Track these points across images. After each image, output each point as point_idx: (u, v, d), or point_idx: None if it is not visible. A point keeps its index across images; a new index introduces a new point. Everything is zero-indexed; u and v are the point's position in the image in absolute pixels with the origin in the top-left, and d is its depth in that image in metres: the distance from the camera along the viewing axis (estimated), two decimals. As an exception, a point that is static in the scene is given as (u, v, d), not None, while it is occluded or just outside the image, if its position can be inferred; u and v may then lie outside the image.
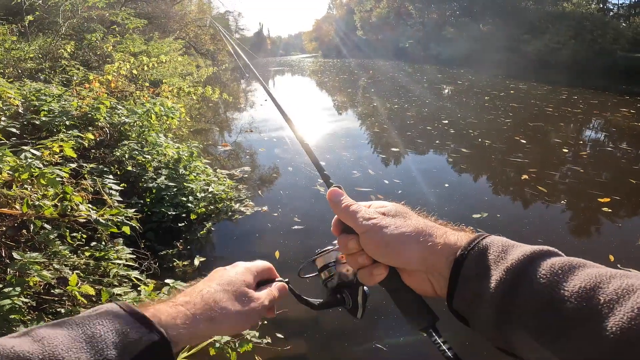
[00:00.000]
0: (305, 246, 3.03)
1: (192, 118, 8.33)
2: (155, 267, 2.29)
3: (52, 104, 2.92)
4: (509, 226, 3.34)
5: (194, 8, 23.72)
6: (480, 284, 0.38)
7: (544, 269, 0.35)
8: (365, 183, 4.39)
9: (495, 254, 0.39)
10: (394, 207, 0.48)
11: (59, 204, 1.71)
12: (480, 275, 0.38)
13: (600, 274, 0.33)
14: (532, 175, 4.49)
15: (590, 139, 6.53)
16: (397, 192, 4.20)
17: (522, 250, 0.38)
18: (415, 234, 0.43)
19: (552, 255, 0.37)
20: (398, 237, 0.43)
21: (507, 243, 0.40)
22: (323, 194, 3.98)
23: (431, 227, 0.45)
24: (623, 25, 22.17)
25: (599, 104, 9.36)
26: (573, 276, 0.33)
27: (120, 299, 1.56)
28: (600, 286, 0.32)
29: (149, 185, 2.86)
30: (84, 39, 6.74)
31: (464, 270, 0.39)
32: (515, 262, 0.36)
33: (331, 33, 56.76)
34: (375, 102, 10.59)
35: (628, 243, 3.04)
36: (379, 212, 0.47)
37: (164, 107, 3.52)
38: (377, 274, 0.45)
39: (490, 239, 0.41)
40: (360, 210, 0.47)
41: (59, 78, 4.83)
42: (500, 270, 0.37)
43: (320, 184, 4.24)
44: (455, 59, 24.30)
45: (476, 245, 0.40)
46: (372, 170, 4.91)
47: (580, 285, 0.32)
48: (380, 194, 4.03)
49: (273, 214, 3.57)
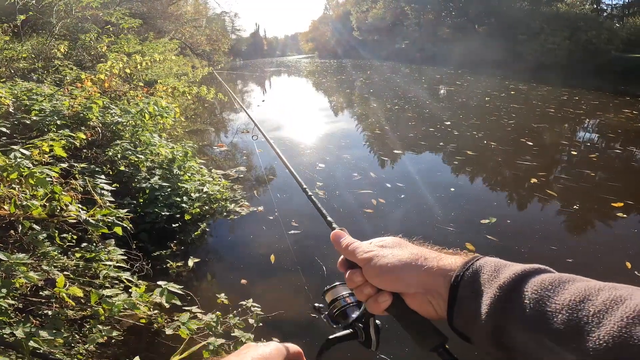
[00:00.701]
0: (302, 252, 2.95)
1: (188, 118, 8.28)
2: (147, 269, 2.26)
3: (43, 103, 2.88)
4: (520, 232, 3.21)
5: (190, 9, 23.63)
6: (475, 303, 0.40)
7: (534, 285, 0.37)
8: (366, 186, 4.29)
9: (489, 273, 0.41)
10: (392, 239, 0.53)
11: (47, 204, 1.67)
12: (475, 294, 0.41)
13: (589, 287, 0.35)
14: (542, 179, 4.36)
15: (597, 141, 6.33)
16: (400, 196, 4.05)
17: (513, 269, 0.40)
18: (411, 259, 0.47)
19: (543, 272, 0.39)
20: (396, 264, 0.47)
21: (499, 263, 0.43)
22: (322, 197, 3.93)
23: (426, 252, 0.48)
24: (617, 25, 22.35)
25: (601, 105, 9.33)
26: (563, 290, 0.35)
27: (110, 300, 1.53)
28: (589, 298, 0.33)
29: (142, 186, 2.83)
30: (78, 39, 6.68)
31: (460, 291, 0.42)
32: (507, 280, 0.39)
33: (327, 34, 56.79)
34: (374, 103, 10.53)
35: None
36: (378, 245, 0.52)
37: (158, 107, 3.48)
38: (382, 301, 0.48)
39: (484, 260, 0.44)
40: (360, 246, 0.52)
41: (52, 78, 4.77)
42: (494, 289, 0.39)
43: (318, 187, 4.19)
44: (451, 59, 24.38)
45: (470, 266, 0.43)
46: (374, 172, 4.79)
47: (570, 299, 0.34)
48: (382, 198, 3.93)
49: (269, 216, 3.51)
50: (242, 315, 2.10)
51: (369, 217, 3.55)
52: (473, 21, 28.49)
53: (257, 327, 2.08)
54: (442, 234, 3.17)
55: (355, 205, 3.79)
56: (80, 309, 1.65)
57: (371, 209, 3.70)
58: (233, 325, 1.99)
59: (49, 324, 1.48)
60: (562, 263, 2.72)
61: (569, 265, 2.70)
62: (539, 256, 2.84)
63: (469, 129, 6.82)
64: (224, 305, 2.25)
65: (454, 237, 3.13)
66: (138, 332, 2.09)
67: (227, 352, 1.79)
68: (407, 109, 9.30)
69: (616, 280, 0.36)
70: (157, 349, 2.06)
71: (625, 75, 16.16)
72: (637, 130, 6.82)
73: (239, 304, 2.23)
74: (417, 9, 32.58)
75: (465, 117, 7.96)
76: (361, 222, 3.46)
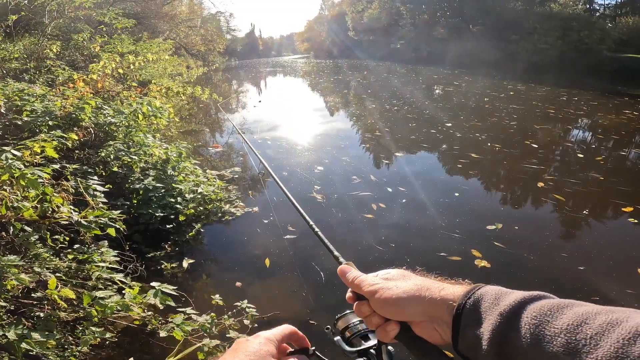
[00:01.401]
0: (297, 258, 2.89)
1: (182, 119, 8.23)
2: (141, 270, 2.25)
3: (35, 103, 2.85)
4: (528, 239, 3.09)
5: (185, 9, 23.51)
6: (478, 330, 0.42)
7: (533, 311, 0.39)
8: (366, 190, 4.17)
9: (489, 302, 0.44)
10: (396, 272, 0.56)
11: (39, 205, 1.65)
12: (478, 321, 0.43)
13: (586, 311, 0.36)
14: (549, 183, 4.23)
15: (602, 143, 6.14)
16: (401, 201, 3.91)
17: (513, 296, 0.42)
18: (415, 291, 0.50)
19: (542, 298, 0.41)
20: (401, 296, 0.50)
21: (500, 291, 0.45)
22: (320, 201, 3.84)
23: (429, 283, 0.51)
24: (609, 25, 22.57)
25: (601, 106, 9.28)
26: (562, 315, 0.37)
27: (102, 302, 1.52)
28: (587, 322, 0.35)
29: (136, 187, 2.81)
30: (71, 39, 6.62)
31: (463, 319, 0.44)
32: (507, 307, 0.41)
33: (323, 34, 56.81)
34: (372, 103, 10.30)
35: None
36: (383, 278, 0.55)
37: (151, 107, 3.46)
38: (390, 330, 0.51)
39: (485, 289, 0.46)
40: (367, 279, 0.55)
41: (44, 78, 4.73)
42: (495, 315, 0.41)
43: (316, 190, 4.10)
44: (447, 59, 24.49)
45: (472, 295, 0.46)
46: (374, 176, 4.64)
47: (568, 323, 0.35)
48: (382, 203, 3.81)
49: (264, 218, 3.48)
50: (237, 317, 2.10)
51: (369, 223, 3.44)
52: (468, 21, 28.65)
53: (253, 327, 2.08)
54: (447, 241, 3.07)
55: (355, 210, 3.68)
56: (72, 310, 1.64)
57: (371, 214, 3.60)
58: (228, 326, 1.99)
59: (41, 326, 1.46)
60: (574, 271, 2.65)
61: (581, 273, 2.62)
62: (549, 264, 2.75)
63: (471, 131, 6.68)
64: (218, 306, 2.25)
65: (460, 243, 3.03)
66: (132, 334, 2.08)
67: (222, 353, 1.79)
68: (406, 109, 9.13)
69: (628, 287, 0.36)
70: (151, 350, 2.05)
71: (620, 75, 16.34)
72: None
73: (234, 305, 2.22)
74: (412, 9, 32.69)
75: (466, 119, 7.84)
76: (361, 228, 3.35)
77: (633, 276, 2.60)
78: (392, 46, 34.63)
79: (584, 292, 2.44)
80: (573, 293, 2.44)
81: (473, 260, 2.80)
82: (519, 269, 2.72)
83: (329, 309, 2.36)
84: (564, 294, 0.40)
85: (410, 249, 3.00)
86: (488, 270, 2.68)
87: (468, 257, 2.83)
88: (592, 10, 25.92)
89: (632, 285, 2.48)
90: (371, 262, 2.82)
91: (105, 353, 2.00)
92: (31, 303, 1.53)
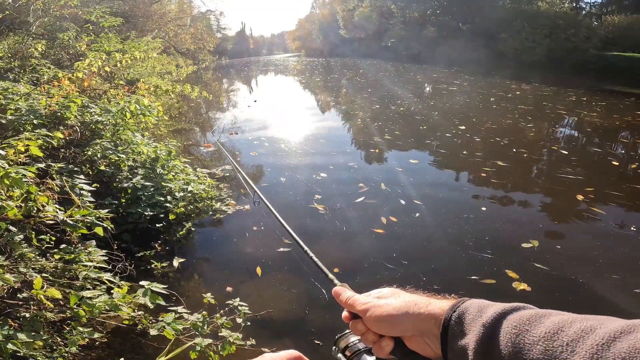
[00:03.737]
0: (290, 252, 2.85)
1: (172, 118, 8.14)
2: (130, 269, 2.22)
3: (19, 102, 2.79)
4: (574, 259, 2.79)
5: (174, 7, 23.24)
6: (464, 340, 0.45)
7: (513, 321, 0.41)
8: (375, 199, 3.81)
9: (473, 314, 0.46)
10: (387, 290, 0.58)
11: (23, 204, 1.62)
12: (463, 332, 0.45)
13: (563, 319, 0.38)
14: (590, 195, 3.84)
15: (630, 149, 5.67)
16: (415, 215, 3.45)
17: (495, 308, 0.45)
18: (405, 307, 0.52)
19: (522, 309, 0.44)
20: (391, 312, 0.52)
21: (482, 304, 0.47)
22: (322, 213, 3.52)
23: (418, 299, 0.54)
24: (595, 23, 22.96)
25: (612, 107, 8.87)
26: (539, 324, 0.39)
27: (90, 302, 1.49)
28: (563, 329, 0.37)
29: (124, 185, 2.77)
30: (57, 38, 6.50)
31: (450, 331, 0.47)
32: (489, 318, 0.43)
33: (314, 32, 56.71)
34: (376, 104, 9.73)
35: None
36: (375, 296, 0.57)
37: (139, 105, 3.41)
38: (385, 345, 0.53)
39: (470, 302, 0.49)
40: (359, 298, 0.58)
41: (29, 77, 4.63)
42: (478, 326, 0.44)
43: (317, 200, 3.76)
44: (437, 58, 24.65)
45: (457, 308, 0.48)
46: (385, 184, 4.17)
47: (546, 331, 0.37)
48: (394, 216, 3.41)
49: (255, 215, 3.45)
50: (230, 315, 2.09)
51: (379, 238, 3.10)
52: (457, 20, 28.88)
53: (245, 326, 2.07)
54: (476, 262, 2.76)
55: (362, 224, 3.33)
56: (59, 310, 1.61)
57: (381, 228, 3.24)
58: (220, 325, 1.97)
59: (27, 327, 1.43)
60: (630, 294, 2.42)
61: (638, 296, 2.39)
62: (600, 286, 2.52)
63: (489, 135, 6.16)
64: (210, 305, 2.23)
65: (492, 264, 2.73)
66: (123, 334, 2.05)
67: (215, 352, 1.78)
68: (413, 111, 8.63)
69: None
70: (143, 350, 2.03)
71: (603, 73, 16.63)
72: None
73: (226, 304, 2.21)
74: (402, 7, 32.84)
75: (479, 121, 7.33)
76: (370, 245, 3.02)
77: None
78: (383, 44, 34.74)
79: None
80: (632, 317, 2.19)
81: (510, 282, 2.54)
82: (565, 292, 2.50)
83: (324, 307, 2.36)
84: (621, 316, 0.38)
85: (431, 271, 2.71)
86: (528, 293, 2.45)
87: (504, 280, 2.57)
88: (578, 8, 26.36)
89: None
90: (380, 283, 2.63)
91: (95, 354, 1.97)
92: (17, 303, 1.50)
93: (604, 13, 25.42)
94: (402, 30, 32.49)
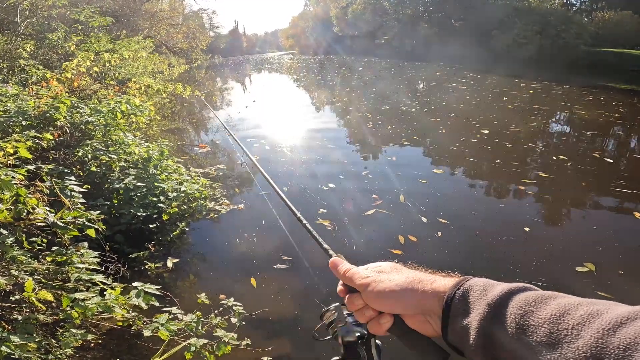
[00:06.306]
0: (285, 248, 2.81)
1: (165, 117, 8.07)
2: (124, 271, 2.20)
3: (7, 103, 2.76)
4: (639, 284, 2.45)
5: (165, 6, 23.00)
6: (467, 318, 0.43)
7: (519, 301, 0.40)
8: (392, 216, 3.37)
9: (478, 292, 0.44)
10: (388, 265, 0.56)
11: (12, 207, 1.60)
12: (466, 311, 0.44)
13: (569, 302, 0.37)
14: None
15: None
16: (444, 242, 2.96)
17: (500, 287, 0.43)
18: (408, 283, 0.50)
19: (527, 290, 0.42)
20: (394, 289, 0.50)
21: (487, 283, 0.46)
22: (330, 229, 3.17)
23: (422, 276, 0.51)
24: (585, 20, 23.20)
25: (631, 106, 8.44)
26: (545, 306, 0.38)
27: (82, 304, 1.49)
28: (569, 313, 0.36)
29: (116, 186, 2.75)
30: (45, 38, 6.41)
31: (452, 309, 0.45)
32: (494, 297, 0.42)
33: (308, 30, 56.54)
34: (385, 104, 9.05)
35: None
36: (375, 270, 0.55)
37: (130, 105, 3.38)
38: (383, 322, 0.51)
39: (474, 280, 0.47)
40: (358, 271, 0.55)
41: (17, 78, 4.57)
42: (483, 305, 0.42)
43: (320, 215, 3.42)
44: (430, 55, 24.72)
45: (462, 286, 0.46)
46: (405, 196, 3.70)
47: (551, 313, 0.37)
48: (413, 235, 3.00)
49: (250, 214, 3.43)
50: (225, 315, 2.09)
51: (395, 259, 2.94)
52: (450, 16, 28.98)
53: (240, 325, 2.07)
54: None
55: (376, 243, 2.99)
56: (52, 313, 1.60)
57: (398, 248, 2.89)
58: (215, 325, 1.97)
59: (20, 329, 1.42)
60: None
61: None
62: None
63: (519, 139, 5.55)
64: (205, 305, 2.23)
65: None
66: (118, 336, 2.05)
67: (210, 352, 1.78)
68: (426, 112, 8.02)
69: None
70: (138, 351, 2.02)
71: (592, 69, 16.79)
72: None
73: (221, 303, 2.21)
74: (395, 4, 32.88)
75: (502, 123, 6.63)
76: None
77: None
78: (377, 42, 34.77)
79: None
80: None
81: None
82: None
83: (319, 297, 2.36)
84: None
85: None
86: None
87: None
88: (568, 5, 26.58)
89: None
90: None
91: (91, 355, 1.97)
92: (9, 306, 1.48)
93: (593, 9, 25.70)
94: (395, 27, 32.54)
